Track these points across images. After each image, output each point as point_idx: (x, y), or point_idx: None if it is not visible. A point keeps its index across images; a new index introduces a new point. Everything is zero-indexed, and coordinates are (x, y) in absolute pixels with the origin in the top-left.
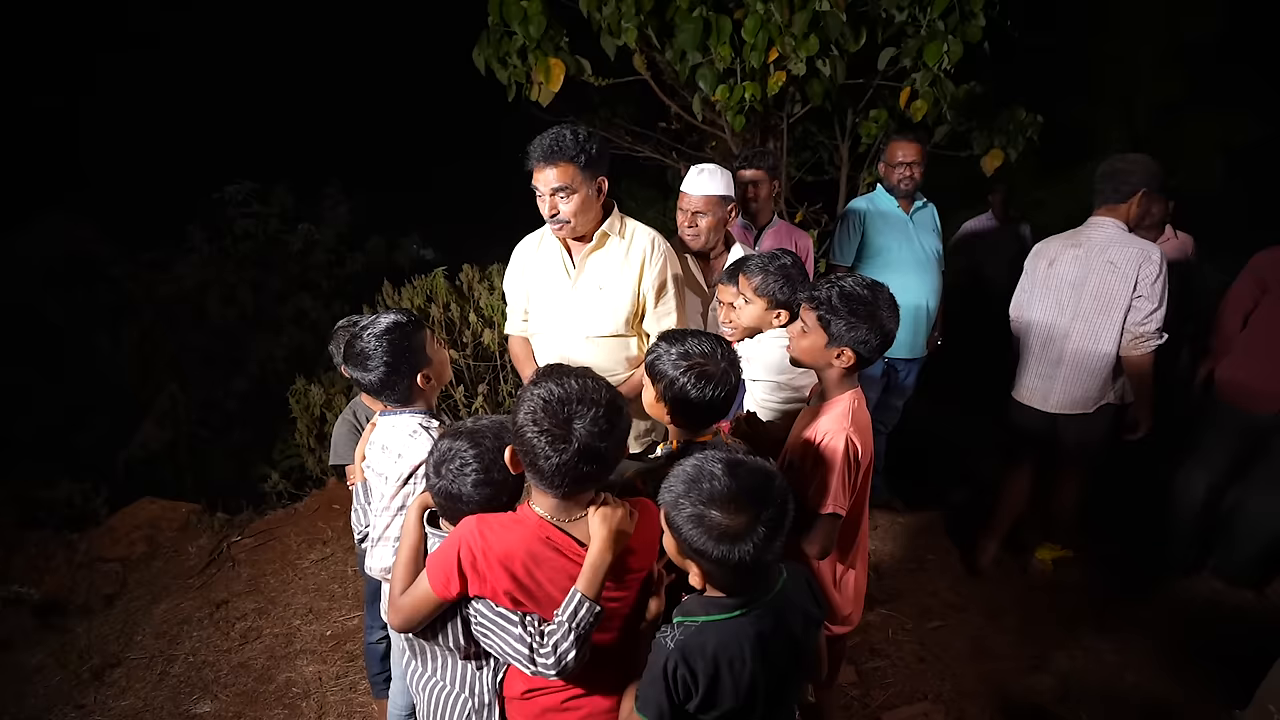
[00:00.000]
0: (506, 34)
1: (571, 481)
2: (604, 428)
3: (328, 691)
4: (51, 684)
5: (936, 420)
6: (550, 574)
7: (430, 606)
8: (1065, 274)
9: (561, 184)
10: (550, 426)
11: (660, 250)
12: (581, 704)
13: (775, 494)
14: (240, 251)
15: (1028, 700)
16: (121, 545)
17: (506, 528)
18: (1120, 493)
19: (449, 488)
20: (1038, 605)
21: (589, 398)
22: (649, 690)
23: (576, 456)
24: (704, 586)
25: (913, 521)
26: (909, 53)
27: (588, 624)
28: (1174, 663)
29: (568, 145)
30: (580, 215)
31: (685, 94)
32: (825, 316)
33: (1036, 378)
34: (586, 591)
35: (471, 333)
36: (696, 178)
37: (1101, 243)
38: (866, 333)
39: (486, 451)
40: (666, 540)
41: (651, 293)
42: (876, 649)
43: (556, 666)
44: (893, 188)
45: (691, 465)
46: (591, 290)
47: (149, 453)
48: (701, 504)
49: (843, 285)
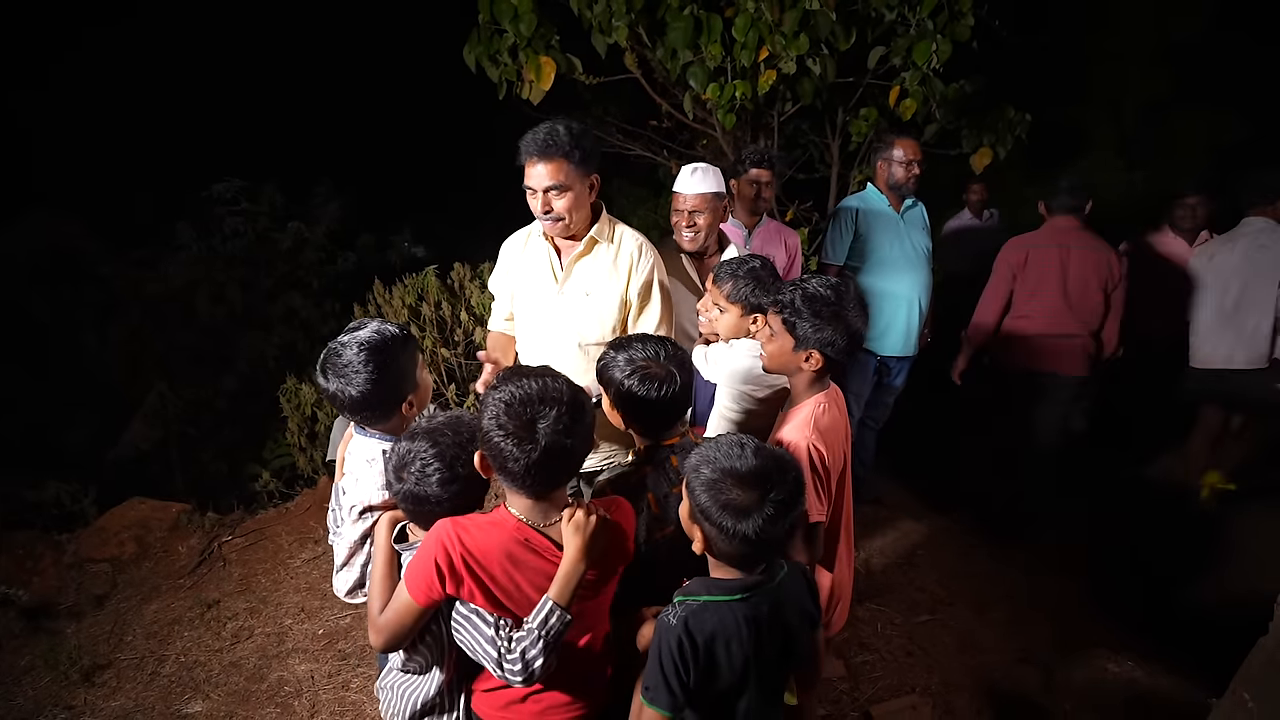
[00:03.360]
0: (497, 32)
1: (542, 480)
2: (567, 424)
3: (320, 690)
4: (40, 685)
5: (925, 417)
6: (529, 575)
7: (413, 618)
8: (1226, 261)
9: (555, 181)
10: (514, 429)
11: (647, 255)
12: (542, 698)
13: (789, 481)
14: (229, 250)
15: (1014, 692)
16: (111, 545)
17: (483, 529)
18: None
19: (414, 490)
20: (1024, 600)
21: (550, 396)
22: (655, 678)
23: (544, 455)
24: (703, 554)
25: (901, 517)
26: (898, 51)
27: (557, 632)
28: (1158, 653)
29: (562, 141)
30: (575, 213)
31: (676, 92)
32: (790, 319)
33: (1217, 345)
34: (558, 599)
35: (463, 331)
36: (690, 177)
37: (1252, 233)
38: (832, 334)
39: (448, 448)
40: (682, 504)
41: (636, 299)
42: (865, 643)
43: (524, 674)
44: (898, 185)
45: (726, 439)
46: (578, 297)
47: (138, 452)
48: (720, 473)
49: (806, 287)
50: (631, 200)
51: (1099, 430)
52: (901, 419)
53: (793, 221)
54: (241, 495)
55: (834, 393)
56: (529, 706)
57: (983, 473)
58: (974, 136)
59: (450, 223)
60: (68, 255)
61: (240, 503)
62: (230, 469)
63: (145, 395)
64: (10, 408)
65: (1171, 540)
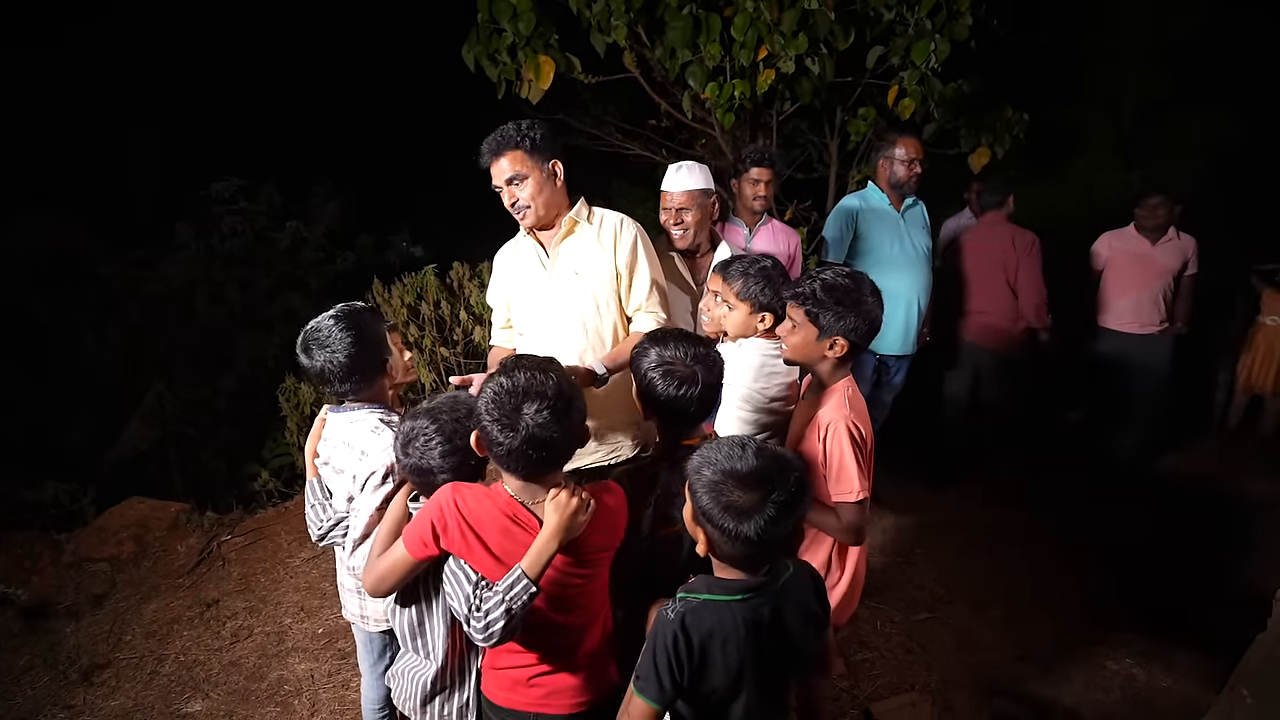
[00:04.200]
0: (496, 31)
1: (524, 466)
2: (548, 419)
3: (320, 689)
4: (39, 685)
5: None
6: (514, 548)
7: (404, 569)
8: None
9: (512, 171)
10: (500, 416)
11: (629, 227)
12: (543, 681)
13: (791, 481)
14: (228, 249)
15: (1013, 690)
16: (110, 545)
17: (479, 499)
18: None
19: (419, 463)
20: (1023, 597)
21: (535, 390)
22: (648, 669)
23: (525, 444)
24: (707, 555)
25: (900, 515)
26: (897, 51)
27: (522, 602)
28: (1158, 650)
29: (510, 134)
30: (539, 199)
31: (675, 91)
32: (812, 310)
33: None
34: (528, 570)
35: (462, 330)
36: (676, 175)
37: None
38: (855, 320)
39: (445, 424)
40: (685, 507)
41: (625, 269)
42: (865, 641)
43: (484, 633)
44: (900, 184)
45: (726, 440)
46: (568, 276)
47: (137, 452)
48: (721, 474)
49: (824, 278)
50: (630, 200)
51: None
52: (900, 418)
53: (791, 221)
54: (241, 494)
55: (852, 379)
56: (533, 691)
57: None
58: (972, 136)
59: (449, 222)
60: (67, 255)
61: (239, 502)
62: (229, 468)
63: (144, 395)
64: (10, 407)
65: (1170, 538)
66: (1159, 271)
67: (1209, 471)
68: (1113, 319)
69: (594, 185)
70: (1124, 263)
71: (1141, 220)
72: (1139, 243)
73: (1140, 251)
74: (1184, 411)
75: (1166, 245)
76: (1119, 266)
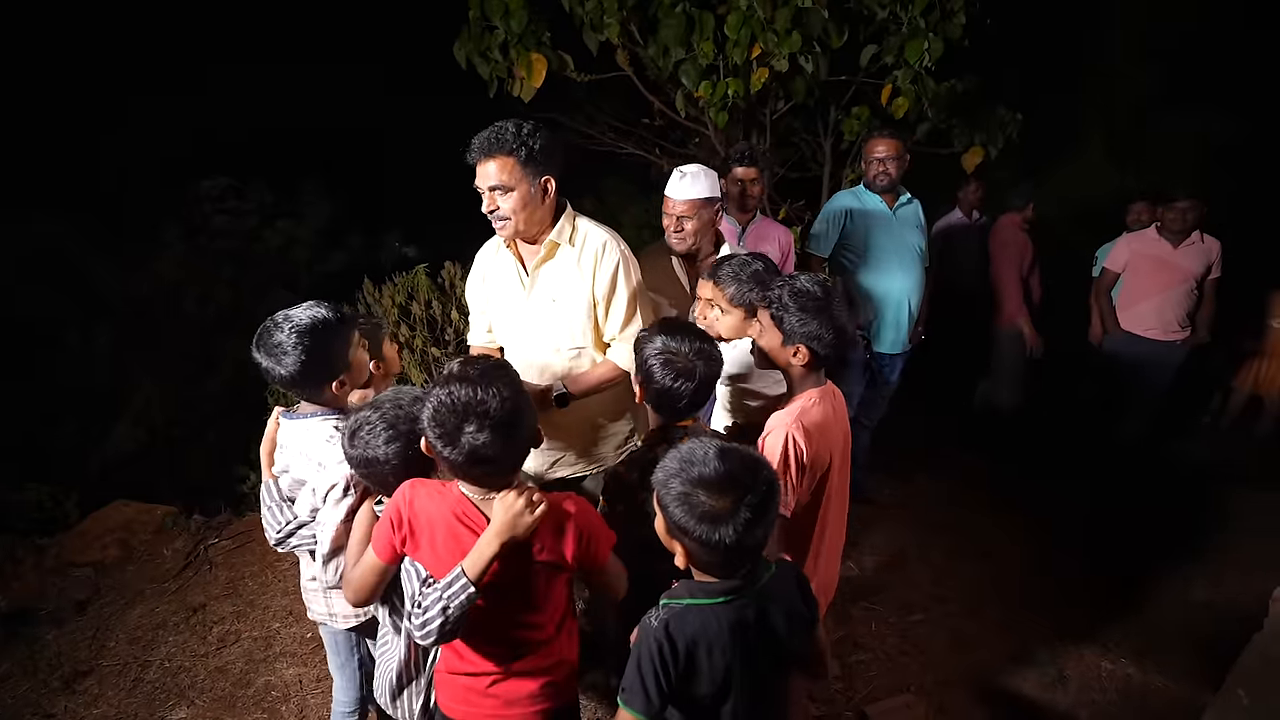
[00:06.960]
0: (488, 29)
1: (469, 478)
2: (489, 439)
3: (308, 694)
4: (19, 693)
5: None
6: (463, 547)
7: (376, 574)
8: None
9: (499, 180)
10: (442, 434)
11: (611, 253)
12: (498, 690)
13: (761, 481)
14: (217, 248)
15: (1007, 689)
16: (94, 549)
17: (432, 496)
18: None
19: (364, 454)
20: (1017, 598)
21: (475, 409)
22: (633, 680)
23: (467, 459)
24: (688, 567)
25: (894, 516)
26: (890, 50)
27: (459, 602)
28: (1154, 649)
29: (507, 138)
30: (521, 214)
31: (668, 90)
32: (778, 314)
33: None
34: (468, 570)
35: (454, 330)
36: (679, 182)
37: None
38: (819, 328)
39: (387, 412)
40: (657, 520)
41: (603, 299)
42: (859, 642)
43: (421, 630)
44: (869, 183)
45: (686, 448)
46: (545, 303)
47: (123, 454)
48: (689, 484)
49: (795, 284)
50: (623, 198)
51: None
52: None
53: (785, 219)
54: (228, 497)
55: (830, 391)
56: (488, 703)
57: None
58: (965, 135)
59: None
60: (53, 254)
61: (227, 505)
62: (217, 471)
63: (131, 396)
64: None
65: (1168, 538)
66: (1181, 276)
67: (1207, 472)
68: (1135, 323)
69: (586, 184)
70: (1144, 266)
71: (1169, 224)
72: (1159, 245)
73: (1161, 255)
74: (1184, 412)
75: (1189, 249)
76: (1138, 270)
